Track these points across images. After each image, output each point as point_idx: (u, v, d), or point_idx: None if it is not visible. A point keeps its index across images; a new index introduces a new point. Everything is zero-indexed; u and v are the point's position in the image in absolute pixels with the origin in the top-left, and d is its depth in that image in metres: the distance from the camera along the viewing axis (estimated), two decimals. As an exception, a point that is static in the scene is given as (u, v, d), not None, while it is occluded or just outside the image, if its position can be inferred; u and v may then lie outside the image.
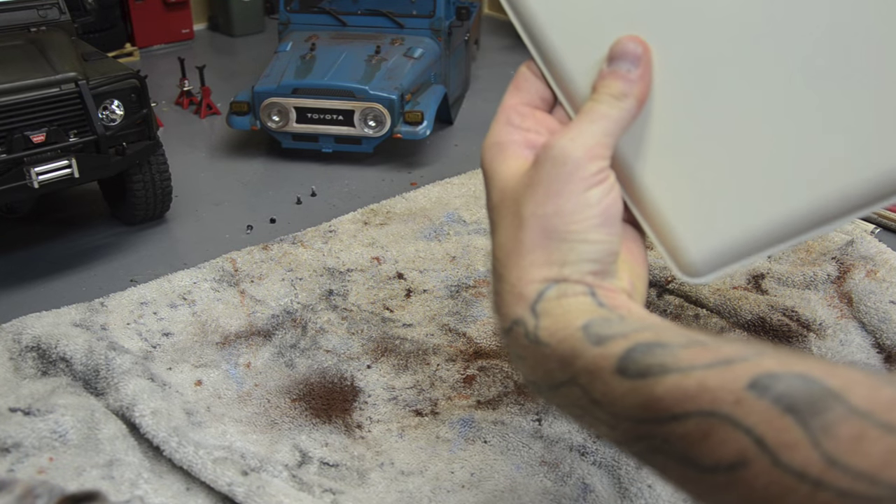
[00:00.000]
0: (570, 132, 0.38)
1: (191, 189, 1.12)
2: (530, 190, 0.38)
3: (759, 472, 0.27)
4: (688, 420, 0.29)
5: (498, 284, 0.39)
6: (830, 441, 0.25)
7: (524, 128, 0.41)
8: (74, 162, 0.84)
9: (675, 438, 0.29)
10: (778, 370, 0.28)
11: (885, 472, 0.24)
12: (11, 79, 0.81)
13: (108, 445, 0.60)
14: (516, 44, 1.84)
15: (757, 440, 0.27)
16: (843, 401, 0.26)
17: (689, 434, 0.29)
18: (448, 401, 0.70)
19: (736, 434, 0.27)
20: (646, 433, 0.31)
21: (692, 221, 0.41)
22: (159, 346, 0.76)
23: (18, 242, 0.97)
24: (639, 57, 0.39)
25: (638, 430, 0.31)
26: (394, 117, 1.16)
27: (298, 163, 1.21)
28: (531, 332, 0.36)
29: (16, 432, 0.60)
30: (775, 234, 0.41)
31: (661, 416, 0.30)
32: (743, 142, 0.41)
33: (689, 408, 0.29)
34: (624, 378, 0.32)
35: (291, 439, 0.65)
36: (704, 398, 0.29)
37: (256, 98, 1.18)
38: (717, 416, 0.28)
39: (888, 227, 1.01)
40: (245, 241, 0.96)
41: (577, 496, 0.61)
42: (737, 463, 0.27)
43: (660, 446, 0.30)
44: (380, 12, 1.33)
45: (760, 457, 0.27)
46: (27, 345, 0.72)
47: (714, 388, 0.29)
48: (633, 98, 0.39)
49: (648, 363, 0.31)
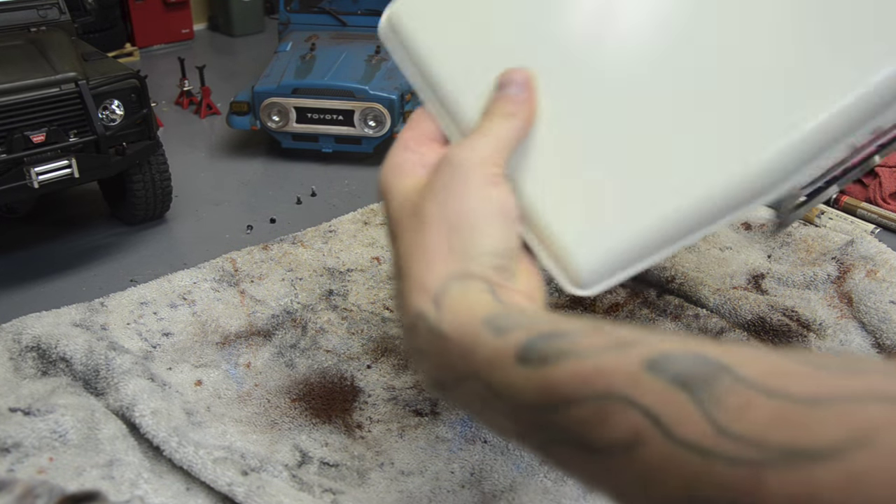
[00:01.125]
0: (465, 143, 0.42)
1: (191, 189, 1.12)
2: (431, 194, 0.41)
3: (654, 448, 0.27)
4: (585, 404, 0.29)
5: (401, 283, 0.41)
6: (719, 411, 0.26)
7: (420, 152, 0.45)
8: (74, 162, 0.84)
9: (574, 424, 0.30)
10: (674, 351, 0.29)
11: (769, 436, 0.25)
12: (11, 79, 0.81)
13: (108, 445, 0.61)
14: (516, 44, 1.85)
15: (652, 418, 0.27)
16: (732, 372, 0.27)
17: (587, 418, 0.29)
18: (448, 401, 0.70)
19: (632, 414, 0.28)
20: (545, 422, 0.31)
21: (576, 232, 0.44)
22: (159, 346, 0.76)
23: (18, 242, 0.97)
24: (525, 82, 0.44)
25: (538, 420, 0.32)
26: (394, 117, 1.16)
27: (298, 163, 1.21)
28: (434, 324, 0.37)
29: (16, 432, 0.60)
30: (657, 240, 0.43)
31: (560, 402, 0.30)
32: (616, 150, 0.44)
33: (586, 392, 0.30)
34: (524, 367, 0.32)
35: (291, 439, 0.65)
36: (601, 381, 0.29)
37: (256, 98, 1.18)
38: (613, 397, 0.29)
39: (888, 227, 1.02)
40: (245, 241, 0.96)
41: (578, 496, 0.61)
42: (633, 442, 0.28)
43: (558, 435, 0.31)
44: (380, 12, 1.33)
45: (655, 434, 0.27)
46: (27, 345, 0.72)
47: (611, 370, 0.29)
48: (522, 118, 0.43)
49: (547, 351, 0.32)
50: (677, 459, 0.26)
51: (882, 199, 1.05)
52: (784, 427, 0.25)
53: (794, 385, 0.26)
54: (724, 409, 0.26)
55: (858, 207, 1.04)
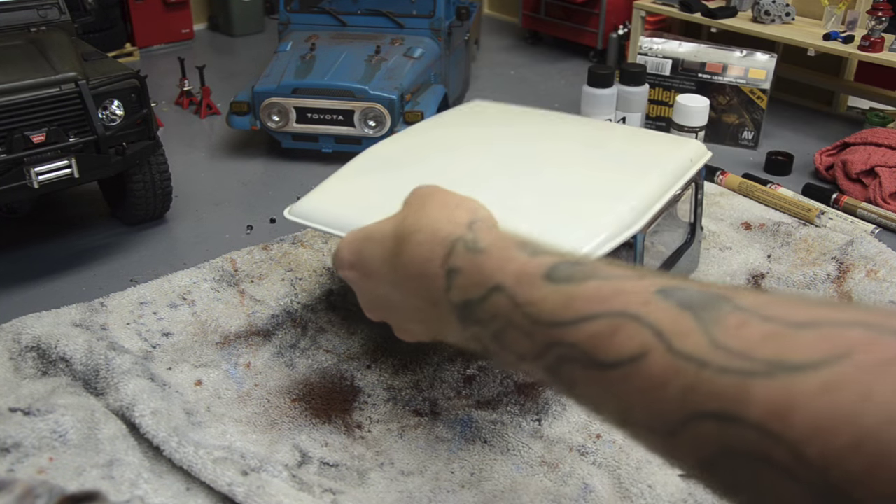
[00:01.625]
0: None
1: (191, 189, 1.12)
2: (411, 207, 0.49)
3: (656, 359, 0.30)
4: (600, 319, 0.33)
5: (421, 235, 0.46)
6: (717, 329, 0.29)
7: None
8: (74, 162, 0.84)
9: (586, 338, 0.33)
10: (683, 284, 0.33)
11: (758, 350, 0.28)
12: (11, 79, 0.81)
13: (108, 445, 0.61)
14: (516, 44, 1.85)
15: (657, 332, 0.31)
16: (733, 302, 0.30)
17: (599, 333, 0.33)
18: (448, 401, 0.70)
19: (640, 329, 0.31)
20: (560, 338, 0.35)
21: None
22: (159, 346, 0.76)
23: (18, 242, 0.97)
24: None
25: (553, 336, 0.35)
26: (394, 117, 1.16)
27: (298, 163, 1.21)
28: (471, 243, 0.43)
29: (16, 432, 0.60)
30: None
31: (578, 317, 0.34)
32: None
33: (602, 308, 0.33)
34: (550, 283, 0.37)
35: (291, 439, 0.65)
36: (617, 300, 0.33)
37: (256, 98, 1.18)
38: (626, 315, 0.32)
39: (888, 227, 1.02)
40: (245, 241, 0.96)
41: (577, 496, 0.61)
42: (638, 355, 0.31)
43: (569, 352, 0.34)
44: (380, 12, 1.33)
45: (658, 346, 0.30)
46: (27, 345, 0.72)
47: (627, 292, 0.33)
48: None
49: (573, 272, 0.36)
50: (675, 368, 0.29)
51: (882, 199, 1.05)
52: (772, 344, 0.28)
53: (788, 313, 0.29)
54: (722, 327, 0.29)
55: (858, 207, 1.04)
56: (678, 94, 1.24)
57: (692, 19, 1.38)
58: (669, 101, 1.30)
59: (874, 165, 1.09)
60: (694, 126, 1.18)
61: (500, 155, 0.77)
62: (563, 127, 0.86)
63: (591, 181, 0.72)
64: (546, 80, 1.62)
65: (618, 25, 1.63)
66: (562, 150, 0.79)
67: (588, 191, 0.70)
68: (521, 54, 1.77)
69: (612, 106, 1.22)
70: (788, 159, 1.19)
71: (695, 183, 0.82)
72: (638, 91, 1.21)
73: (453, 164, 0.75)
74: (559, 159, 0.76)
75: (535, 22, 1.80)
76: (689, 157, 0.78)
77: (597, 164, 0.75)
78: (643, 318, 0.31)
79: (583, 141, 0.81)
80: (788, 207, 1.02)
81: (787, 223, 0.99)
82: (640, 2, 1.44)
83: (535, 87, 1.58)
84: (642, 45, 1.31)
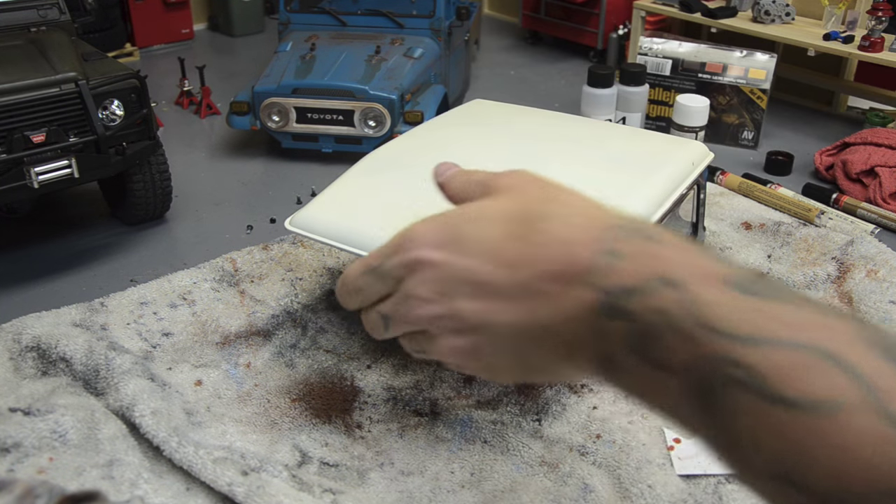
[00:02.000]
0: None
1: (191, 189, 1.12)
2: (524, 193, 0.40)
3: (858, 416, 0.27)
4: (792, 349, 0.28)
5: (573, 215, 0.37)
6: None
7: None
8: (74, 162, 0.84)
9: (769, 366, 0.29)
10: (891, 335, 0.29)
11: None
12: (11, 79, 0.81)
13: (108, 445, 0.61)
14: (516, 44, 1.84)
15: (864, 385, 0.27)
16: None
17: (788, 363, 0.28)
18: (448, 401, 0.70)
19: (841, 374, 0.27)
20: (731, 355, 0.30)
21: None
22: (159, 346, 0.76)
23: (18, 242, 0.97)
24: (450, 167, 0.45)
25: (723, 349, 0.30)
26: (394, 117, 1.16)
27: (298, 163, 1.21)
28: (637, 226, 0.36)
29: (16, 432, 0.60)
30: None
31: (761, 337, 0.29)
32: None
33: (797, 337, 0.29)
34: (733, 288, 0.31)
35: (291, 439, 0.65)
36: (818, 333, 0.29)
37: (256, 98, 1.18)
38: (825, 353, 0.28)
39: (888, 227, 1.02)
40: (245, 241, 0.96)
41: (577, 496, 0.61)
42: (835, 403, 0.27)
43: (740, 376, 0.29)
44: (380, 12, 1.33)
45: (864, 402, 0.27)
46: (27, 345, 0.72)
47: (830, 327, 0.29)
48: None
49: (761, 285, 0.31)
50: (884, 436, 0.25)
51: (882, 199, 1.05)
52: None
53: None
54: None
55: (858, 207, 1.04)
56: (678, 94, 1.24)
57: (692, 19, 1.38)
58: (669, 101, 1.30)
59: (874, 165, 1.09)
60: (694, 126, 1.18)
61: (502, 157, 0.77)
62: (565, 128, 0.86)
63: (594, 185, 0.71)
64: (546, 80, 1.62)
65: (618, 25, 1.63)
66: (564, 151, 0.79)
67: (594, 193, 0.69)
68: (521, 54, 1.77)
69: (612, 106, 1.22)
70: (788, 159, 1.19)
71: (697, 184, 0.82)
72: (638, 91, 1.21)
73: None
74: (562, 161, 0.76)
75: (535, 22, 1.80)
76: (691, 159, 0.78)
77: (599, 167, 0.75)
78: (844, 362, 0.27)
79: (584, 143, 0.81)
80: (788, 207, 1.02)
81: (788, 223, 0.99)
82: (640, 2, 1.44)
83: (535, 87, 1.58)
84: (642, 45, 1.31)
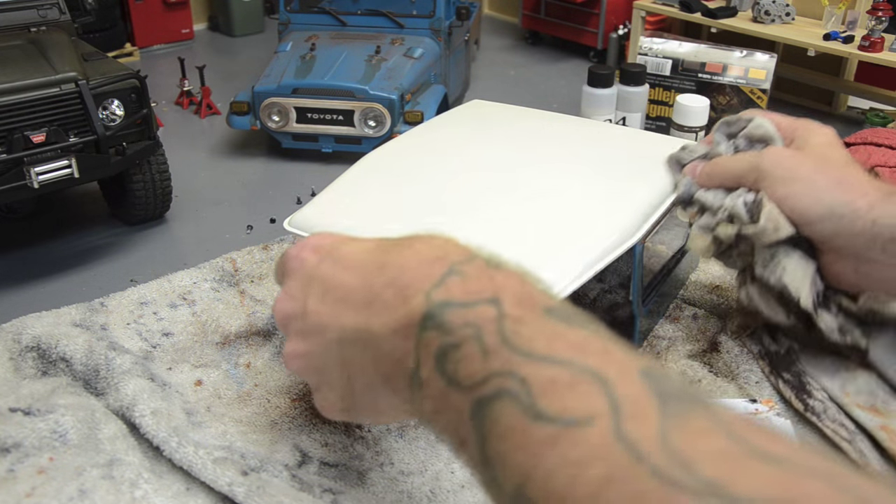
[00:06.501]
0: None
1: (191, 189, 1.12)
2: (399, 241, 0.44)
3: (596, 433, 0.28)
4: (567, 367, 0.31)
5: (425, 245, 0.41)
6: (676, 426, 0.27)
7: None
8: (74, 162, 0.84)
9: (541, 379, 0.31)
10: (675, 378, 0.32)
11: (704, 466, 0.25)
12: (11, 79, 0.81)
13: (108, 445, 0.61)
14: (516, 44, 1.85)
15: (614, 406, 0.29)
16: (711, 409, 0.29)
17: (558, 380, 0.30)
18: (448, 401, 0.70)
19: (600, 396, 0.29)
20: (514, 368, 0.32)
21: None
22: (159, 346, 0.76)
23: (18, 242, 0.97)
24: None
25: (509, 363, 0.32)
26: (394, 117, 1.16)
27: (298, 163, 1.22)
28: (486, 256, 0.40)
29: (16, 432, 0.60)
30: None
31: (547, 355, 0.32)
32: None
33: (577, 358, 0.31)
34: (546, 314, 0.34)
35: (291, 439, 0.65)
36: (597, 358, 0.31)
37: (256, 98, 1.18)
38: (595, 375, 0.30)
39: (888, 227, 1.01)
40: (245, 241, 0.96)
41: (577, 496, 0.61)
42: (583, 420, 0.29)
43: (512, 387, 0.31)
44: (380, 12, 1.33)
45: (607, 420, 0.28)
46: (27, 345, 0.72)
47: (613, 358, 0.31)
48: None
49: (577, 317, 0.34)
50: (608, 452, 0.27)
51: (882, 199, 1.05)
52: (724, 465, 0.25)
53: (759, 440, 0.26)
54: (683, 428, 0.27)
55: (858, 207, 1.04)
56: (678, 94, 1.24)
57: (692, 19, 1.38)
58: (669, 101, 1.30)
59: (874, 165, 1.09)
60: (694, 126, 1.18)
61: (502, 159, 0.77)
62: (564, 129, 0.86)
63: (592, 186, 0.72)
64: (546, 80, 1.62)
65: (618, 25, 1.63)
66: (563, 152, 0.79)
67: (592, 196, 0.70)
68: (521, 54, 1.77)
69: (612, 106, 1.22)
70: (788, 159, 1.19)
71: (695, 183, 0.82)
72: (638, 91, 1.21)
73: (454, 170, 0.75)
74: (559, 162, 0.76)
75: (535, 22, 1.80)
76: None
77: (597, 168, 0.75)
78: (609, 385, 0.29)
79: (583, 144, 0.81)
80: (788, 207, 1.02)
81: (787, 223, 0.98)
82: (640, 2, 1.44)
83: (535, 87, 1.58)
84: (642, 45, 1.31)
